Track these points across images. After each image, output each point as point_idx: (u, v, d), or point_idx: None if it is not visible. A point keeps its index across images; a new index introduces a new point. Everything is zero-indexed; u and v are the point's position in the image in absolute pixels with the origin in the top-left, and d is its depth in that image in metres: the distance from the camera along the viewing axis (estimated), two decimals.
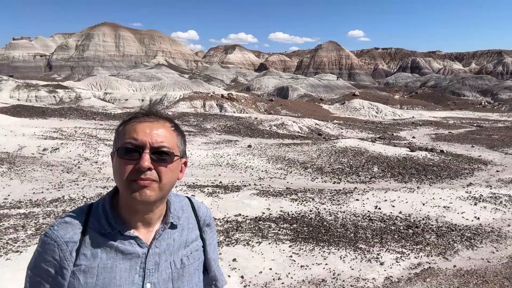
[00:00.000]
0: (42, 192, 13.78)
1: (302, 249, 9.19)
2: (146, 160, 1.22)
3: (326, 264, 8.56)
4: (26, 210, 11.29)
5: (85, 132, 27.64)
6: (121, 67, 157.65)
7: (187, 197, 1.55)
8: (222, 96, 67.00)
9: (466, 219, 12.26)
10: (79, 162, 19.51)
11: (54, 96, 75.66)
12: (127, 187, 1.24)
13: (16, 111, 35.37)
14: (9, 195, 13.03)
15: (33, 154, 20.26)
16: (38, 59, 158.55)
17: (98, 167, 18.74)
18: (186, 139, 1.40)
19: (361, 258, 8.95)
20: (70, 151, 21.22)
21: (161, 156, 1.26)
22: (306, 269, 8.35)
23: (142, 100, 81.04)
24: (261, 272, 8.09)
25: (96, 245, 1.28)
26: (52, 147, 21.43)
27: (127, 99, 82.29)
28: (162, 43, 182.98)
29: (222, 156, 22.21)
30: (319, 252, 9.05)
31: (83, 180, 16.30)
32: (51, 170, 17.38)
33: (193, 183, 16.15)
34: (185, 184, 15.76)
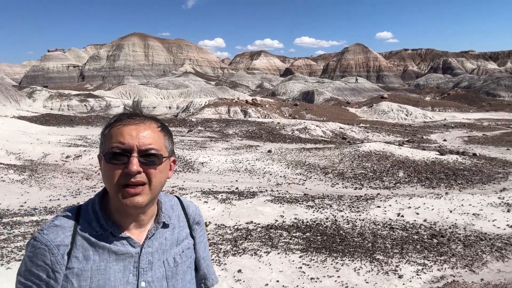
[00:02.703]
0: (59, 199, 13.92)
1: (314, 259, 8.63)
2: (135, 164, 1.21)
3: (338, 276, 7.96)
4: (39, 218, 11.35)
5: None
6: (150, 76, 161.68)
7: (176, 196, 1.55)
8: (247, 101, 67.12)
9: (498, 228, 11.25)
10: (100, 168, 19.74)
11: (85, 105, 78.47)
12: (117, 193, 1.23)
13: (45, 119, 36.64)
14: (25, 202, 13.23)
15: (56, 161, 20.72)
16: (71, 70, 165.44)
17: None
18: (208, 145, 1.18)
19: (378, 270, 8.28)
20: (92, 158, 21.54)
21: (149, 158, 1.25)
22: (316, 281, 7.79)
23: (169, 108, 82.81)
24: (267, 284, 7.61)
25: (88, 248, 1.26)
26: (75, 155, 21.86)
27: (155, 107, 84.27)
28: (189, 51, 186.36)
29: (241, 162, 21.88)
30: (332, 264, 8.46)
31: (101, 186, 16.36)
32: (71, 177, 17.64)
33: (209, 189, 15.88)
34: (201, 190, 15.51)
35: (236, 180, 18.35)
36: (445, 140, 34.29)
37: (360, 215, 12.26)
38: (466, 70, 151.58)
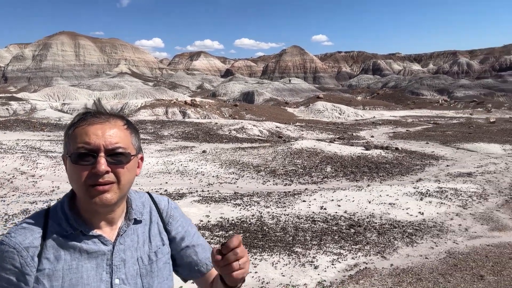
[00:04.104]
0: None
1: None
2: (103, 164, 1.20)
3: (255, 272, 7.94)
4: None
5: (28, 144, 25.89)
6: (82, 77, 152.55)
7: (147, 192, 1.52)
8: (185, 102, 65.88)
9: (410, 215, 12.06)
10: (13, 176, 18.01)
11: (7, 109, 71.83)
12: (85, 193, 1.21)
13: None
14: None
15: None
16: None
17: (33, 181, 17.35)
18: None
19: (295, 262, 8.41)
20: (6, 165, 19.63)
21: (117, 157, 1.23)
22: None
23: None
24: (181, 286, 7.35)
25: (58, 248, 1.25)
26: None
27: None
28: (124, 51, 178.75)
29: (173, 163, 21.28)
30: (250, 260, 8.42)
31: (12, 195, 14.94)
32: None
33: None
34: None
35: (166, 182, 17.78)
36: (372, 136, 36.37)
37: (285, 210, 12.45)
38: (394, 71, 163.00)
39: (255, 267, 8.13)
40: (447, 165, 21.40)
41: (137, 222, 1.38)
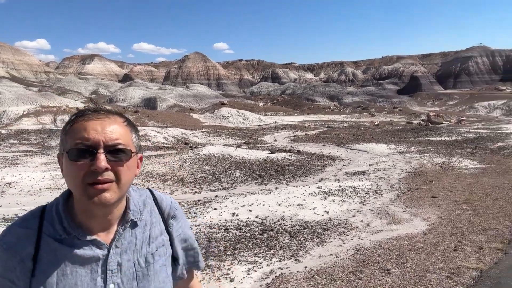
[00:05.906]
0: None
1: None
2: (102, 160, 1.14)
3: None
4: None
5: None
6: None
7: (148, 189, 1.45)
8: (78, 109, 60.03)
9: (317, 215, 12.42)
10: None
11: None
12: (83, 192, 1.15)
13: None
14: None
15: None
16: None
17: None
18: (22, 160, 1.68)
19: (209, 278, 7.84)
20: None
21: (117, 154, 1.18)
22: None
23: None
24: None
25: (52, 252, 1.19)
26: None
27: None
28: (2, 52, 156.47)
29: (63, 177, 18.82)
30: None
31: None
32: None
33: (15, 215, 12.86)
34: (3, 218, 12.41)
35: None
36: (275, 140, 37.66)
37: (196, 221, 11.78)
38: (290, 79, 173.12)
39: None
40: (344, 165, 23.03)
41: (134, 223, 1.30)
